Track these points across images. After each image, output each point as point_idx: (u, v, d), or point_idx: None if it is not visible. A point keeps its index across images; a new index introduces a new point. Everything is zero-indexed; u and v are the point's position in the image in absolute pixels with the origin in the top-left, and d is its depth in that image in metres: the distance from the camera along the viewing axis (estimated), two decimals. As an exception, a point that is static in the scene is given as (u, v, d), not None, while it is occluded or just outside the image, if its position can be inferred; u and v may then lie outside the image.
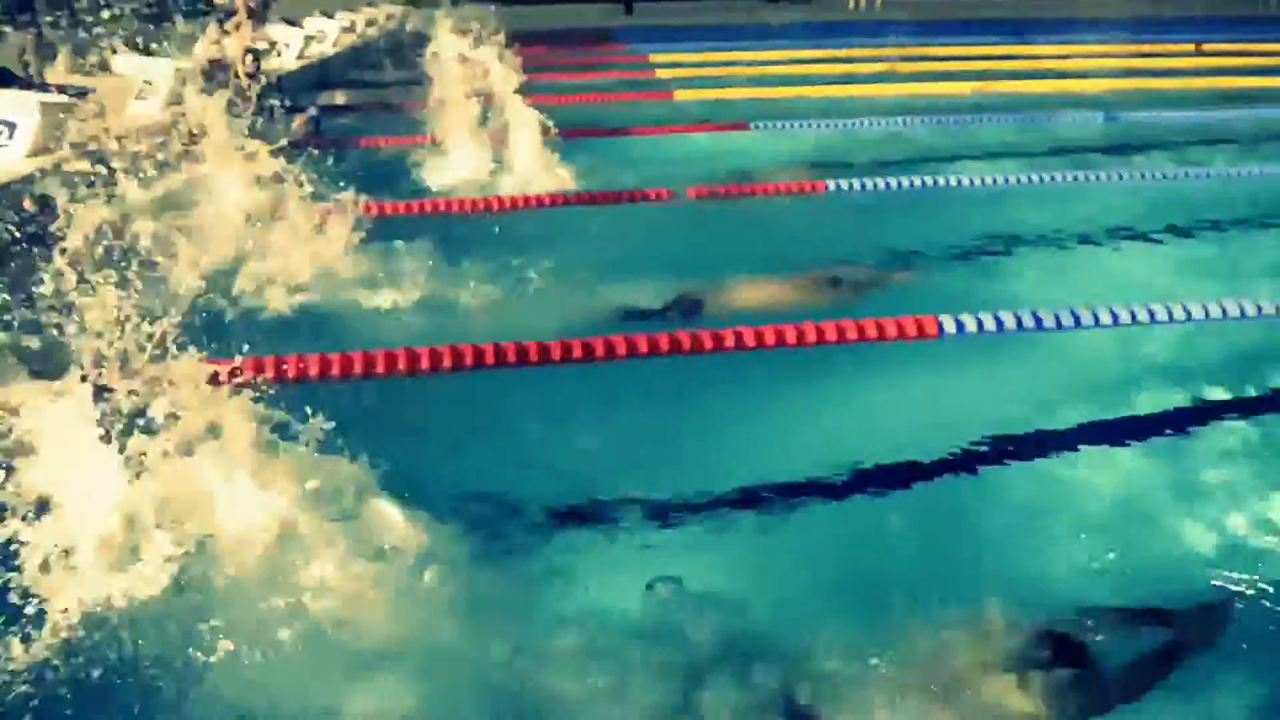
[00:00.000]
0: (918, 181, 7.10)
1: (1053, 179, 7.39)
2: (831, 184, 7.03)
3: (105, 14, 10.42)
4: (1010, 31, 17.66)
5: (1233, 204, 7.05)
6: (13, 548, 2.51)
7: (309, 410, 2.83)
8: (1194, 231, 6.51)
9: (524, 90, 7.66)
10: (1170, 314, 4.69)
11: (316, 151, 6.03)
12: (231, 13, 8.40)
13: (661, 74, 12.79)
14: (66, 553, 2.55)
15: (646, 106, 10.55)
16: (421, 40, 9.09)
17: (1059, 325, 4.61)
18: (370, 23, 15.18)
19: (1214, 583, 2.94)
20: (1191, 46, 15.54)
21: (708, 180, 7.31)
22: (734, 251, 5.91)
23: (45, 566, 2.52)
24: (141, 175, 5.41)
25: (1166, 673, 2.63)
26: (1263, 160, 8.11)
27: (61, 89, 6.94)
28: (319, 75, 11.89)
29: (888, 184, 7.02)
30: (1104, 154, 8.57)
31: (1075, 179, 7.51)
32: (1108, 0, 25.47)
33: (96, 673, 2.37)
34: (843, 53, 14.53)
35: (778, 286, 5.41)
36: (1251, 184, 7.57)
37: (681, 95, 10.92)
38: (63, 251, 3.08)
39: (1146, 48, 16.18)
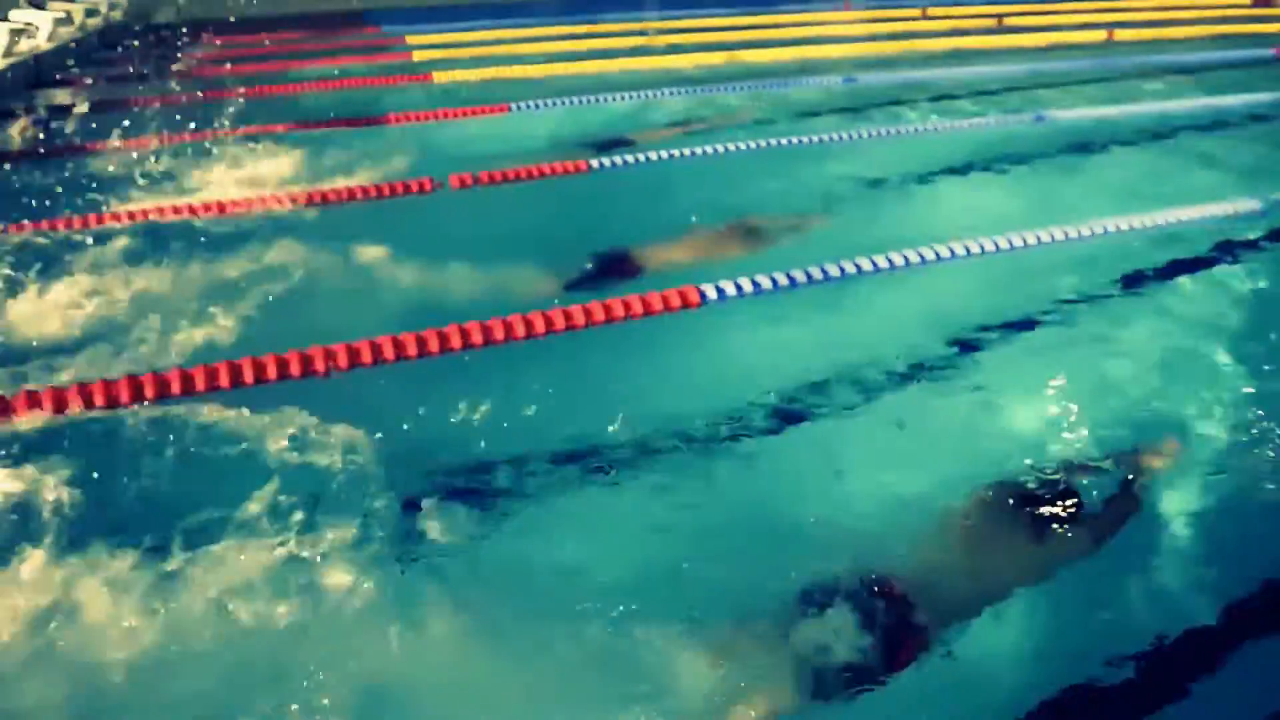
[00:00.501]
0: (679, 153, 7.25)
1: (803, 141, 7.75)
2: (595, 161, 7.06)
3: None
4: (759, 1, 18.47)
5: (960, 154, 7.65)
6: None
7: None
8: (932, 180, 7.07)
9: (268, 80, 7.16)
10: (923, 258, 5.12)
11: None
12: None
13: (419, 56, 12.38)
14: None
15: (405, 91, 10.19)
16: (150, 30, 8.33)
17: (825, 277, 4.88)
18: (91, 13, 13.76)
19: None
20: (918, 12, 16.81)
21: (472, 167, 7.15)
22: (503, 238, 5.82)
23: None
24: None
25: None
26: (979, 112, 8.91)
27: None
28: (34, 74, 10.66)
29: (649, 157, 7.13)
30: (848, 114, 9.10)
31: (824, 139, 7.91)
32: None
33: None
34: (599, 27, 14.63)
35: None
36: (974, 134, 8.27)
37: (441, 77, 10.62)
38: None
39: (881, 13, 17.30)
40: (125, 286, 4.79)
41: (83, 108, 8.35)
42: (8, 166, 5.46)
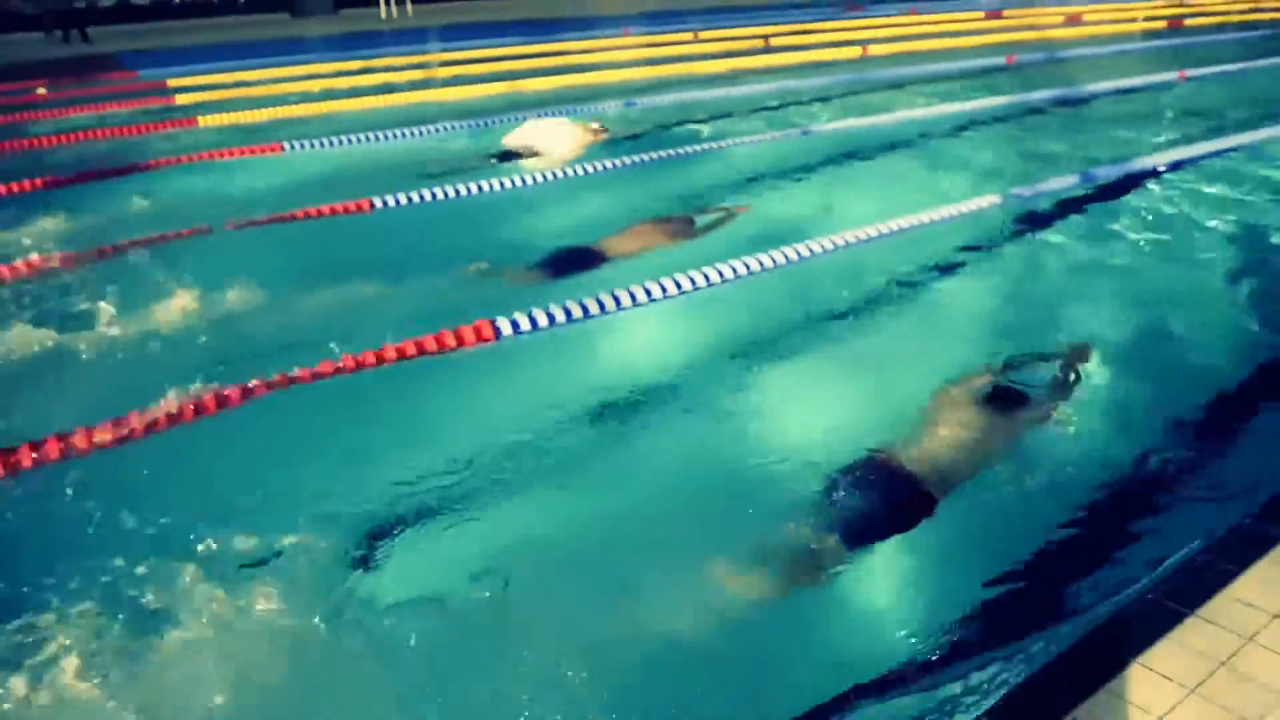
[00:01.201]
0: (464, 189, 7.18)
1: (589, 169, 7.85)
2: (378, 200, 6.88)
3: None
4: (541, 30, 18.72)
5: (740, 172, 7.97)
6: None
7: None
8: (714, 198, 7.30)
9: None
10: (709, 278, 5.25)
11: None
12: None
13: (182, 99, 11.69)
14: None
15: (169, 136, 9.59)
16: None
17: (617, 306, 4.91)
18: None
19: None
20: (689, 35, 17.51)
21: (246, 210, 6.81)
22: (285, 283, 5.56)
23: None
24: None
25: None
26: (754, 131, 9.37)
27: None
28: None
29: (434, 194, 7.02)
30: (630, 139, 9.29)
31: (608, 166, 8.04)
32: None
33: None
34: (377, 63, 14.34)
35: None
36: (751, 150, 8.66)
37: (207, 121, 10.07)
38: None
39: (658, 38, 17.90)
40: None
41: None
42: None
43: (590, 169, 7.83)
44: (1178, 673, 2.37)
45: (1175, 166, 7.82)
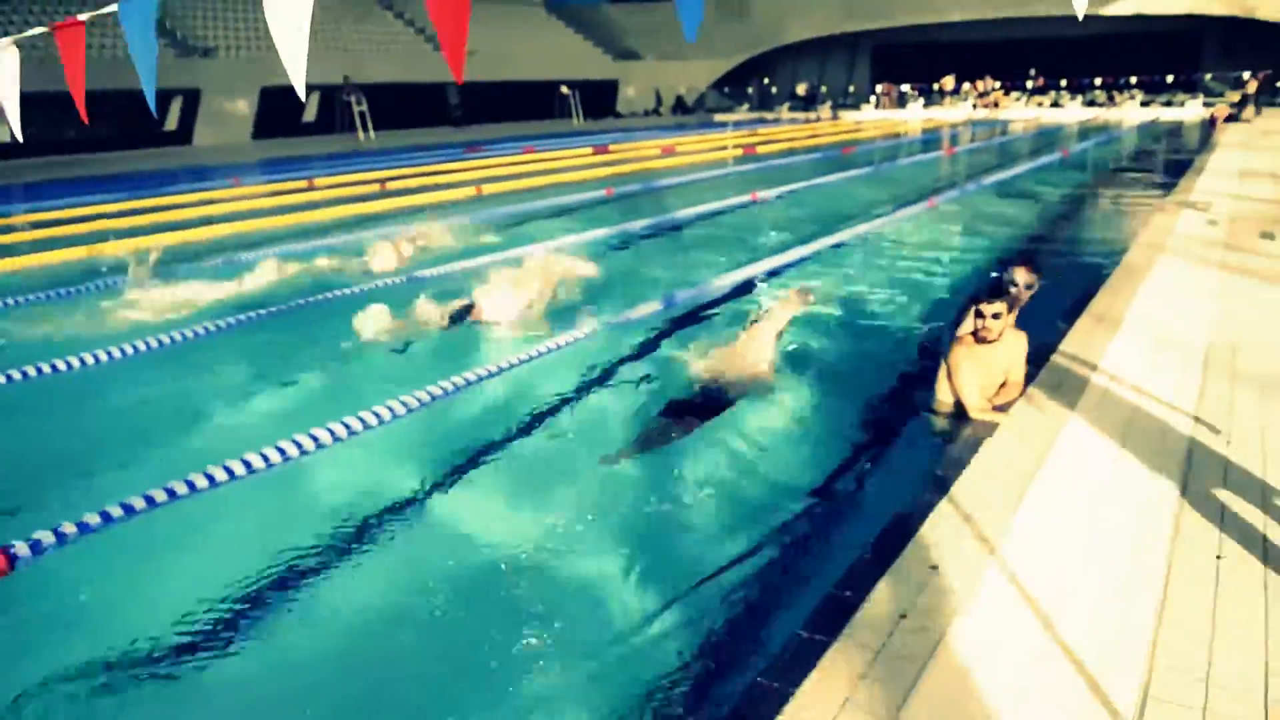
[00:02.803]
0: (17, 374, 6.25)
1: (201, 332, 7.20)
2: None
3: None
4: (143, 184, 17.45)
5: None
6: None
7: None
8: (315, 353, 6.96)
9: None
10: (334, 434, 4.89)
11: None
12: None
13: None
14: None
15: None
16: None
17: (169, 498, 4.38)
18: None
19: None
20: (304, 183, 17.19)
21: None
22: None
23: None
24: None
25: None
26: (363, 281, 9.21)
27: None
28: None
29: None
30: (245, 297, 8.71)
31: (206, 330, 7.45)
32: (220, 147, 27.23)
33: None
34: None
35: None
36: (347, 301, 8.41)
37: None
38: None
39: (270, 187, 17.38)
40: None
41: None
42: None
43: (204, 330, 7.19)
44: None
45: (745, 285, 8.78)
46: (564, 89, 38.07)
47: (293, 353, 7.02)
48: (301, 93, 3.18)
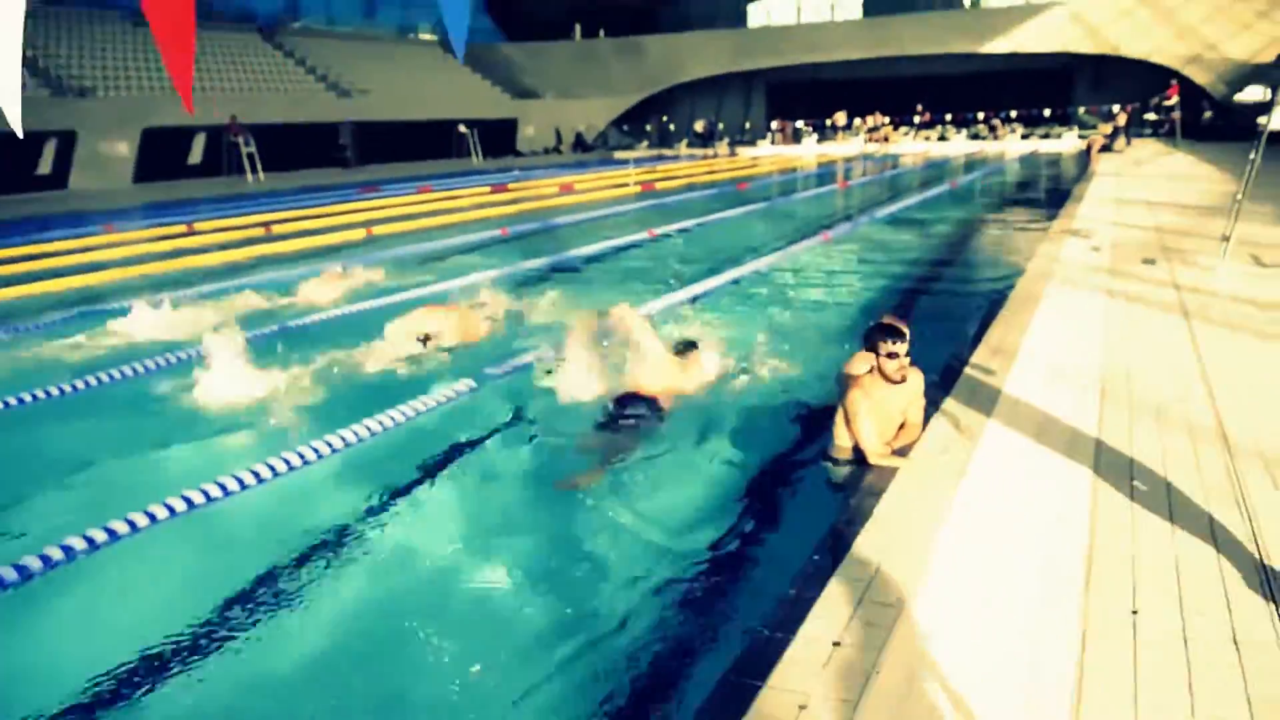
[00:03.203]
0: None
1: (67, 389, 6.60)
2: None
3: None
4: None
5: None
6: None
7: None
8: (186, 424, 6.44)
9: None
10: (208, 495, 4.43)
11: None
12: None
13: None
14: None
15: None
16: None
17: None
18: None
19: None
20: (183, 227, 16.36)
21: None
22: None
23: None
24: None
25: None
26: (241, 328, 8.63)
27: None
28: None
29: None
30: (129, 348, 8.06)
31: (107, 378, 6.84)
32: (98, 192, 25.91)
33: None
34: None
35: None
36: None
37: None
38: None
39: (148, 233, 16.49)
40: None
41: None
42: None
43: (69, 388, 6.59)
44: None
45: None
46: (462, 127, 37.65)
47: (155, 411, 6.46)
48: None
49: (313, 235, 14.86)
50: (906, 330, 4.74)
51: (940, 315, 8.32)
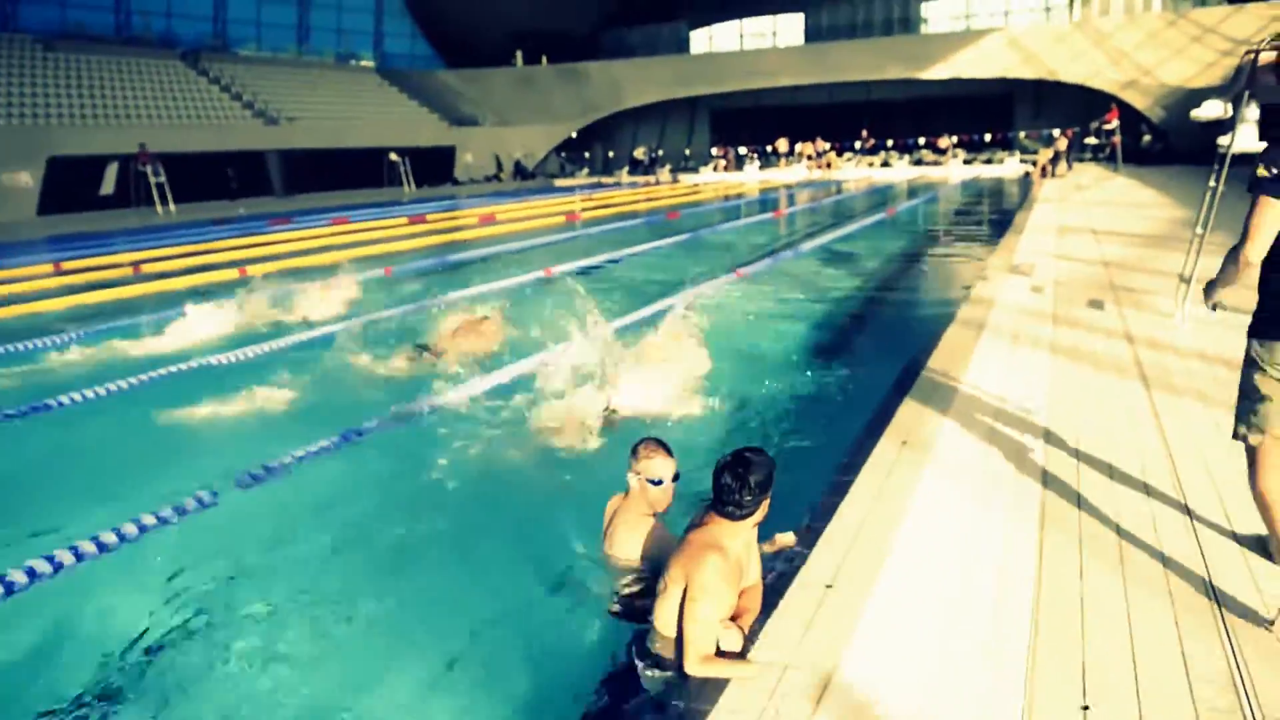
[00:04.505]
0: None
1: None
2: None
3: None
4: None
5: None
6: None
7: None
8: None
9: None
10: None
11: None
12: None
13: None
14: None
15: None
16: None
17: None
18: None
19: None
20: (51, 267, 14.80)
21: None
22: None
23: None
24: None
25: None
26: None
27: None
28: None
29: None
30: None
31: None
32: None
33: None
34: None
35: None
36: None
37: None
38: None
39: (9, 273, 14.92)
40: None
41: None
42: None
43: None
44: None
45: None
46: (393, 156, 36.27)
47: None
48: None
49: (184, 275, 13.38)
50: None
51: (851, 374, 7.13)
